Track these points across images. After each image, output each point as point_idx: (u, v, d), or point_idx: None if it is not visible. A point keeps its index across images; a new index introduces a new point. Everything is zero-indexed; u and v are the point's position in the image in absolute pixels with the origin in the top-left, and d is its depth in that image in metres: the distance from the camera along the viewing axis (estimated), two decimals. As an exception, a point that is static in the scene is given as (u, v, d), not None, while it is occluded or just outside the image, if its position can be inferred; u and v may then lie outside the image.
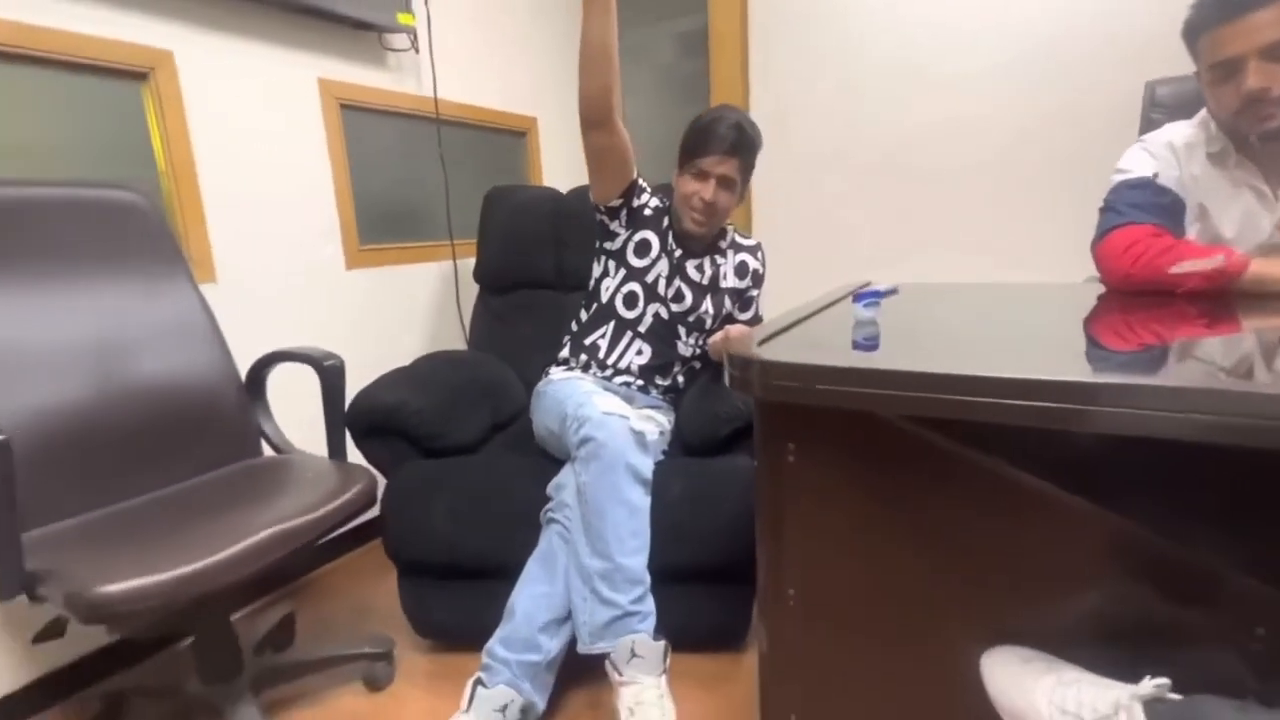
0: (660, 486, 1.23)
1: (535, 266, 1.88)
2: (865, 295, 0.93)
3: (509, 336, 1.86)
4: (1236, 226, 1.06)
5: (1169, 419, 0.52)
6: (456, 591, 1.33)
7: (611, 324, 1.49)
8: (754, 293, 1.57)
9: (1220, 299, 0.95)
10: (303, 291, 1.68)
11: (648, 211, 1.47)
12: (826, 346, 0.89)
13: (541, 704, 1.09)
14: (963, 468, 0.77)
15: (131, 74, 1.35)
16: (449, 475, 1.35)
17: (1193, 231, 1.09)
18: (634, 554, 1.12)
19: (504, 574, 1.21)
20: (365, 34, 1.76)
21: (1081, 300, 1.19)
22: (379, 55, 1.83)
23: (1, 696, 1.21)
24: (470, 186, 2.08)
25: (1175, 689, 0.59)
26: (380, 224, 1.88)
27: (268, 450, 1.35)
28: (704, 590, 1.28)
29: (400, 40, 1.84)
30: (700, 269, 1.49)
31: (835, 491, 0.87)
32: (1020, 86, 1.96)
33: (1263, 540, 0.64)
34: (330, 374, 1.26)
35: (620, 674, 1.06)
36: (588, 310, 1.54)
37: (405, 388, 1.41)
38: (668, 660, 1.09)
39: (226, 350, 1.32)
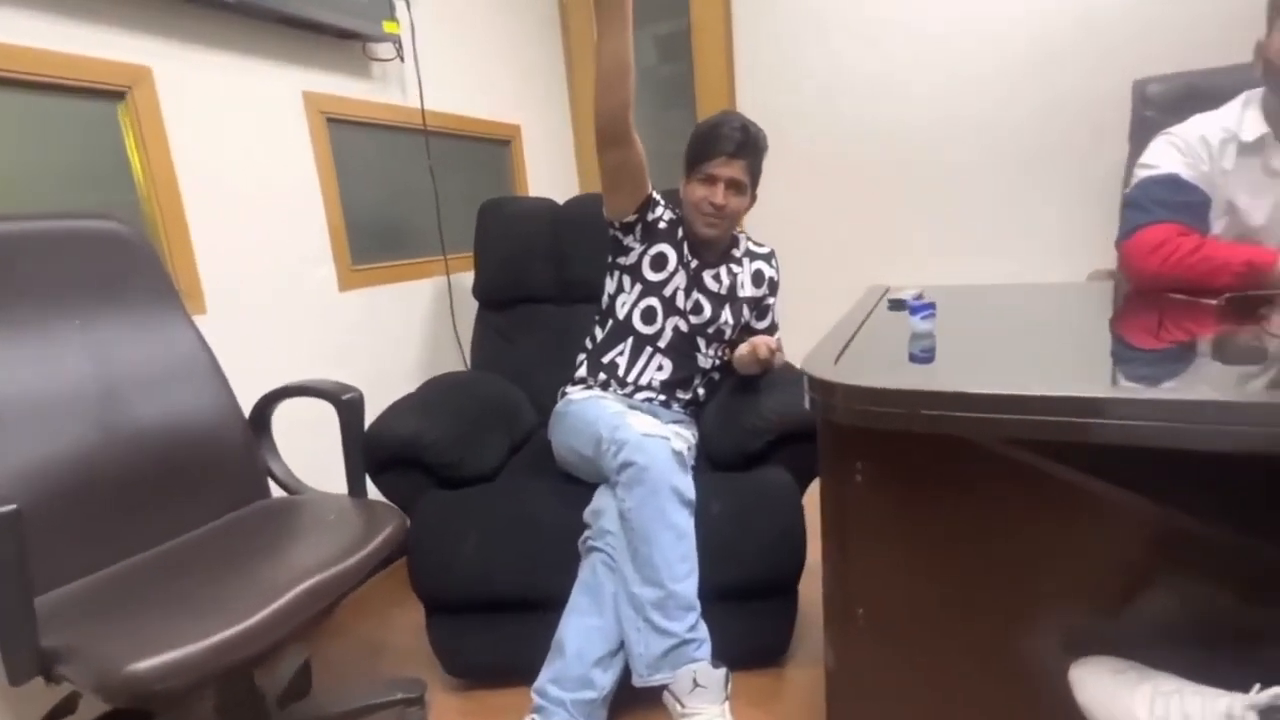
0: (699, 505, 1.20)
1: (536, 280, 1.83)
2: (920, 307, 0.93)
3: (513, 354, 1.80)
4: (1266, 216, 1.08)
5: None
6: (490, 626, 1.28)
7: (630, 340, 1.45)
8: (770, 300, 1.55)
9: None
10: (296, 318, 1.59)
11: (662, 225, 1.44)
12: (887, 363, 0.88)
13: (598, 742, 1.05)
14: (1041, 480, 0.76)
15: (107, 93, 1.24)
16: (474, 506, 1.29)
17: (1219, 226, 1.11)
18: (685, 579, 1.09)
19: (540, 605, 1.17)
20: (349, 44, 1.68)
21: (1102, 300, 1.21)
22: (364, 65, 1.75)
23: (-4, 779, 1.11)
24: (459, 199, 2.01)
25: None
26: (372, 242, 1.80)
27: (275, 490, 1.27)
28: (745, 607, 1.26)
29: (385, 49, 1.76)
30: (718, 279, 1.46)
31: (905, 509, 0.86)
32: (1002, 87, 1.99)
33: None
34: (349, 408, 1.18)
35: (683, 705, 1.03)
36: (603, 327, 1.50)
37: (418, 417, 1.34)
38: (729, 687, 1.06)
39: (228, 386, 1.23)
